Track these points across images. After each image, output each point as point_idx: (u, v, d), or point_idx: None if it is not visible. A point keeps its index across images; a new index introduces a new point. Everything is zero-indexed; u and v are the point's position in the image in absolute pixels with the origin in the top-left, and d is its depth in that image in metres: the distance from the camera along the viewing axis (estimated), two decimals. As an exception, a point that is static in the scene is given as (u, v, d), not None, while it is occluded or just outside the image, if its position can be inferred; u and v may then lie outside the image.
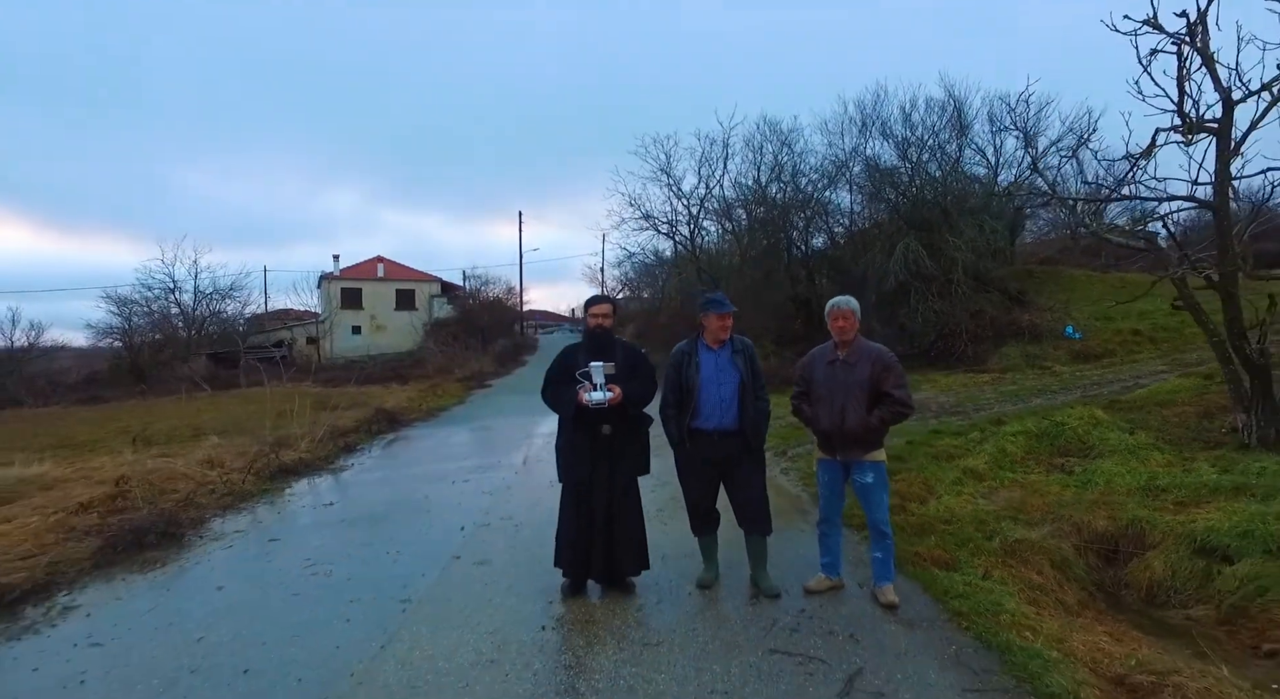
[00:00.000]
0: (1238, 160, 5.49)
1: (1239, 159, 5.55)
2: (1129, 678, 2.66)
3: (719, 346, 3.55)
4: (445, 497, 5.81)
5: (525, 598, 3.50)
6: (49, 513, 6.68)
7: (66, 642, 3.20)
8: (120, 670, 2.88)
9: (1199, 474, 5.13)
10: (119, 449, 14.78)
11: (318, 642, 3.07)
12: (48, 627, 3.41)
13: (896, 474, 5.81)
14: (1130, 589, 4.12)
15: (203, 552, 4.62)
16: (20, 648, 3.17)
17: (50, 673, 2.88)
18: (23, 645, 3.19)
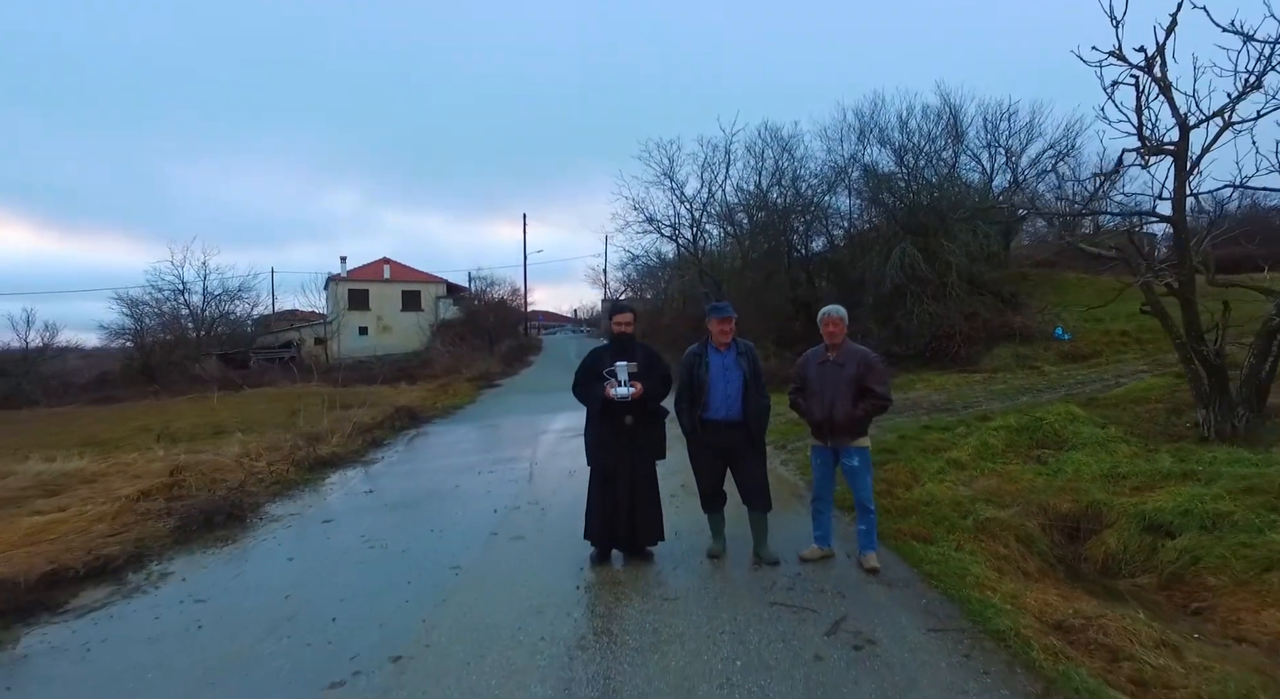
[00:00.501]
0: (1201, 178, 6.06)
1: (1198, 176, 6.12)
2: (1064, 622, 3.23)
3: (725, 349, 4.11)
4: (474, 485, 6.38)
5: (559, 565, 4.07)
6: (110, 500, 7.29)
7: (174, 599, 3.78)
8: (227, 619, 3.46)
9: (1158, 463, 5.69)
10: (145, 446, 15.40)
11: (388, 598, 3.64)
12: (152, 588, 3.99)
13: (887, 464, 6.38)
14: (1088, 562, 4.67)
15: (266, 530, 5.19)
16: (136, 603, 3.74)
17: (170, 621, 3.46)
18: (138, 602, 3.77)
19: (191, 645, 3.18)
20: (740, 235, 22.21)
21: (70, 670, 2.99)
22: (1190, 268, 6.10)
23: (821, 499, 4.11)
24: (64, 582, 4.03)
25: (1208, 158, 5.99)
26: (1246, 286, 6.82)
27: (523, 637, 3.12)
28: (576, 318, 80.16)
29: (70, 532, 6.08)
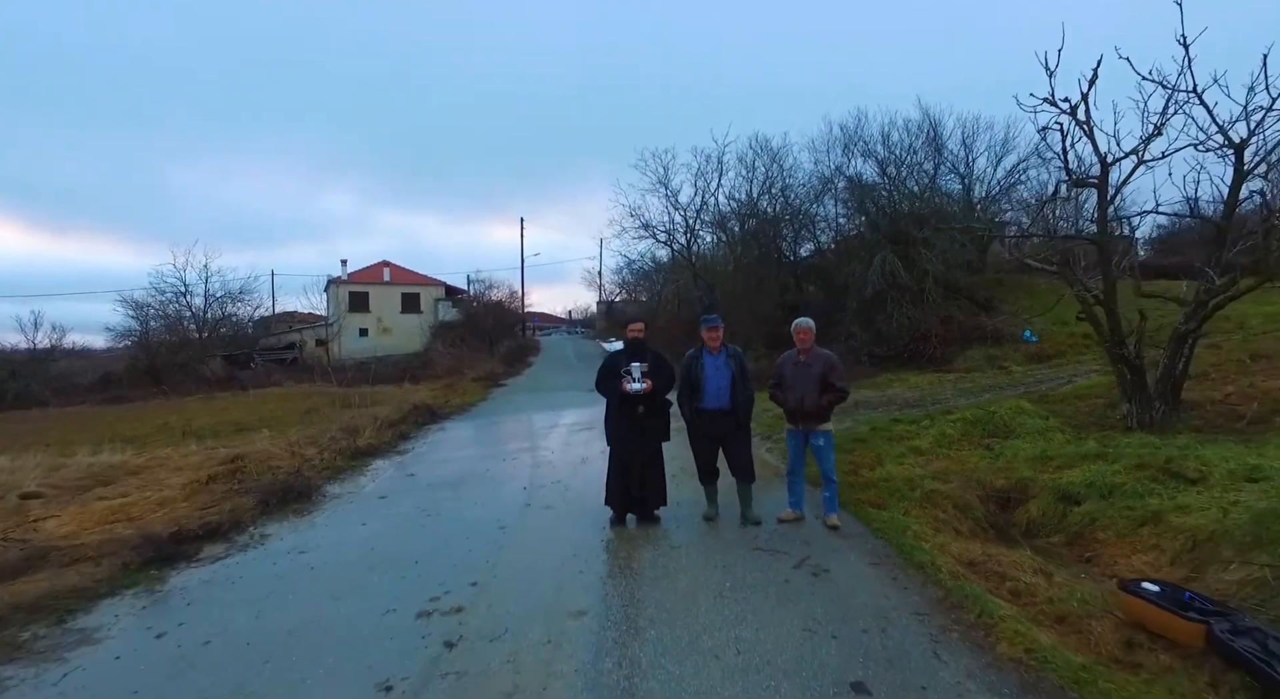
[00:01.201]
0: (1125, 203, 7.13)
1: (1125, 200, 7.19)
2: (974, 560, 4.26)
3: (717, 352, 5.12)
4: (501, 469, 7.38)
5: (585, 526, 5.07)
6: (169, 486, 8.25)
7: (281, 551, 4.76)
8: (332, 563, 4.45)
9: (1082, 448, 6.73)
10: (171, 442, 16.35)
11: (454, 548, 4.63)
12: (259, 545, 4.97)
13: (856, 450, 7.42)
14: (1014, 526, 5.70)
15: (332, 505, 6.18)
16: (253, 554, 4.73)
17: (287, 565, 4.45)
18: (254, 553, 4.76)
19: (312, 579, 4.17)
20: (732, 242, 23.27)
21: (227, 594, 3.98)
22: (1112, 281, 7.17)
23: (795, 472, 5.13)
24: (187, 540, 5.00)
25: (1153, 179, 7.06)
26: (1165, 297, 7.91)
27: (565, 570, 4.13)
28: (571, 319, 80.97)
29: (145, 511, 7.05)
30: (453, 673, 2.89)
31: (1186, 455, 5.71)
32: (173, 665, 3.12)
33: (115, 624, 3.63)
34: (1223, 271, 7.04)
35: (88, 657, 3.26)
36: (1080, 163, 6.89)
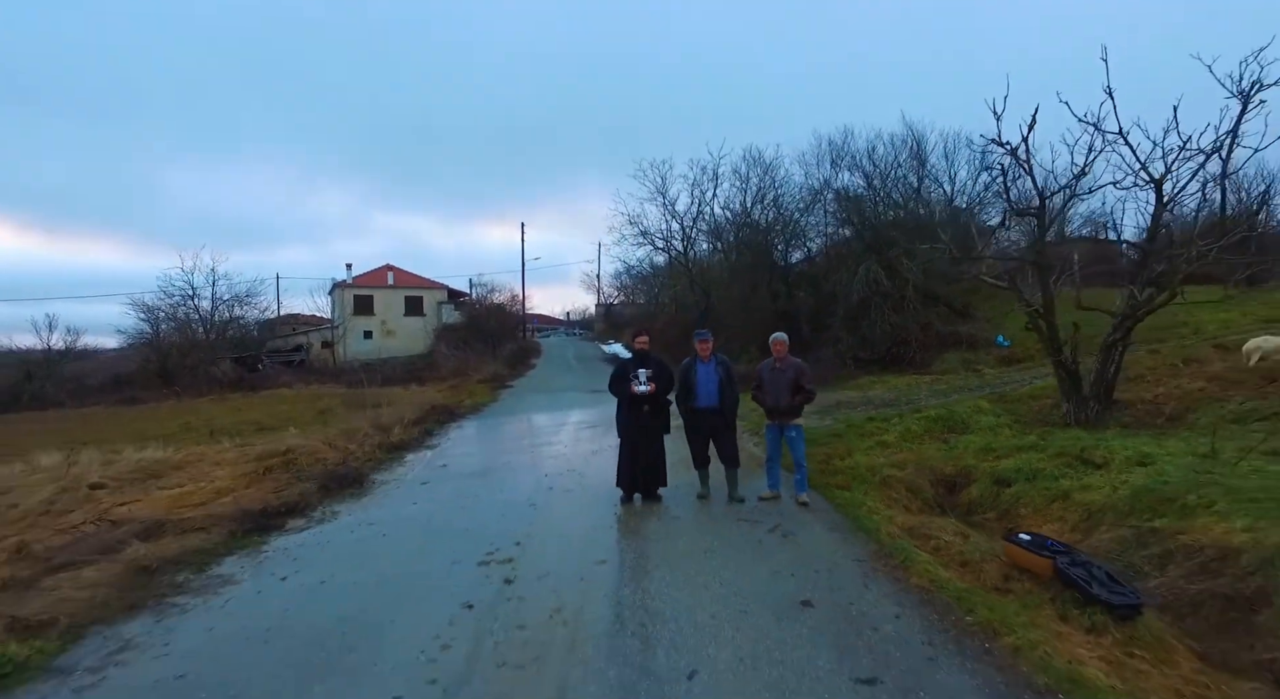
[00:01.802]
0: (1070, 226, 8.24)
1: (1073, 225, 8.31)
2: (912, 528, 5.37)
3: (707, 360, 6.22)
4: (522, 461, 8.47)
5: (600, 505, 6.16)
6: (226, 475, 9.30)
7: (353, 524, 5.86)
8: (399, 531, 5.54)
9: (1022, 441, 7.84)
10: (198, 441, 17.38)
11: (495, 521, 5.72)
12: (333, 519, 6.06)
13: (831, 444, 8.53)
14: (958, 506, 6.82)
15: (381, 489, 7.27)
16: (330, 526, 5.82)
17: (362, 533, 5.54)
18: (330, 525, 5.85)
19: (386, 543, 5.27)
20: (727, 250, 24.43)
21: (322, 553, 5.07)
22: (1049, 297, 8.30)
23: (772, 459, 6.24)
24: (274, 515, 6.08)
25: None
26: (1099, 310, 9.04)
27: (588, 534, 5.23)
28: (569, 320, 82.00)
29: (206, 498, 8.11)
30: (515, 597, 3.99)
31: (1098, 446, 6.84)
32: (302, 596, 4.21)
33: (244, 572, 4.72)
34: (1143, 288, 8.18)
35: (234, 592, 4.35)
36: (1021, 195, 8.00)
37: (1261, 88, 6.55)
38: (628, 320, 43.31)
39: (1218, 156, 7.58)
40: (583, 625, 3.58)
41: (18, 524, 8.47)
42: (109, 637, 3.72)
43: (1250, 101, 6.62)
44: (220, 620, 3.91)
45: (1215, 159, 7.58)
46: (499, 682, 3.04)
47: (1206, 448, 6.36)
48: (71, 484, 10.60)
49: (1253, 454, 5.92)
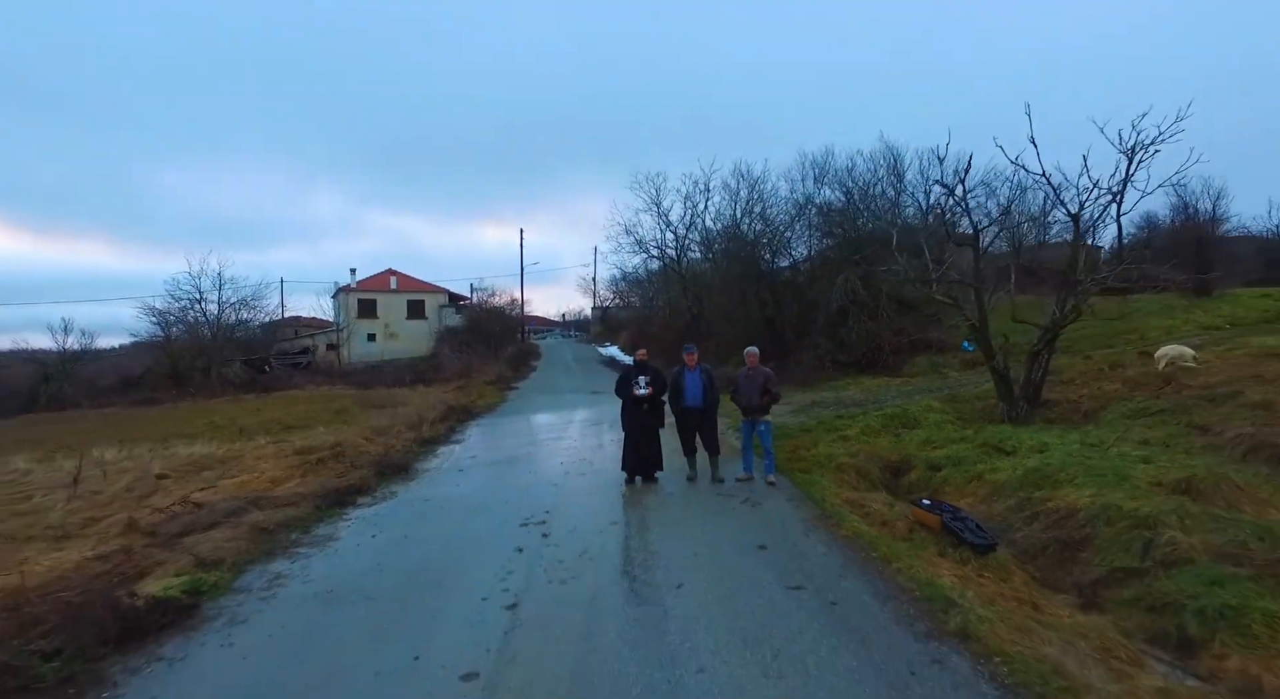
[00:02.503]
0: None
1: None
2: (851, 500, 6.89)
3: (694, 369, 7.73)
4: (540, 453, 9.97)
5: (609, 485, 7.66)
6: (274, 467, 10.71)
7: (412, 499, 7.35)
8: (451, 505, 7.03)
9: (959, 435, 9.39)
10: (228, 439, 18.76)
11: (526, 497, 7.21)
12: (394, 497, 7.54)
13: (800, 437, 10.05)
14: (900, 488, 8.35)
15: (426, 475, 8.75)
16: (394, 502, 7.31)
17: (421, 507, 7.02)
18: (394, 502, 7.34)
19: (442, 513, 6.76)
20: (717, 259, 25.97)
21: (395, 520, 6.56)
22: (984, 314, 9.85)
23: (746, 448, 7.75)
24: (345, 493, 7.56)
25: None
26: (1029, 323, 10.60)
27: (601, 505, 6.74)
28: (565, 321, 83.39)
29: (264, 486, 9.54)
30: (552, 544, 5.50)
31: (1012, 438, 8.40)
32: (392, 547, 5.70)
33: (340, 532, 6.21)
34: (1063, 306, 9.74)
35: (339, 544, 5.84)
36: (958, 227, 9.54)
37: (1143, 148, 8.12)
38: (623, 323, 44.81)
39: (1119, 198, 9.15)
40: (603, 560, 5.09)
41: (111, 506, 9.96)
42: (263, 572, 5.20)
43: (1134, 158, 8.18)
44: (338, 561, 5.39)
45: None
46: (550, 590, 4.54)
47: (1095, 439, 7.92)
48: (141, 475, 12.05)
49: (1124, 443, 7.48)
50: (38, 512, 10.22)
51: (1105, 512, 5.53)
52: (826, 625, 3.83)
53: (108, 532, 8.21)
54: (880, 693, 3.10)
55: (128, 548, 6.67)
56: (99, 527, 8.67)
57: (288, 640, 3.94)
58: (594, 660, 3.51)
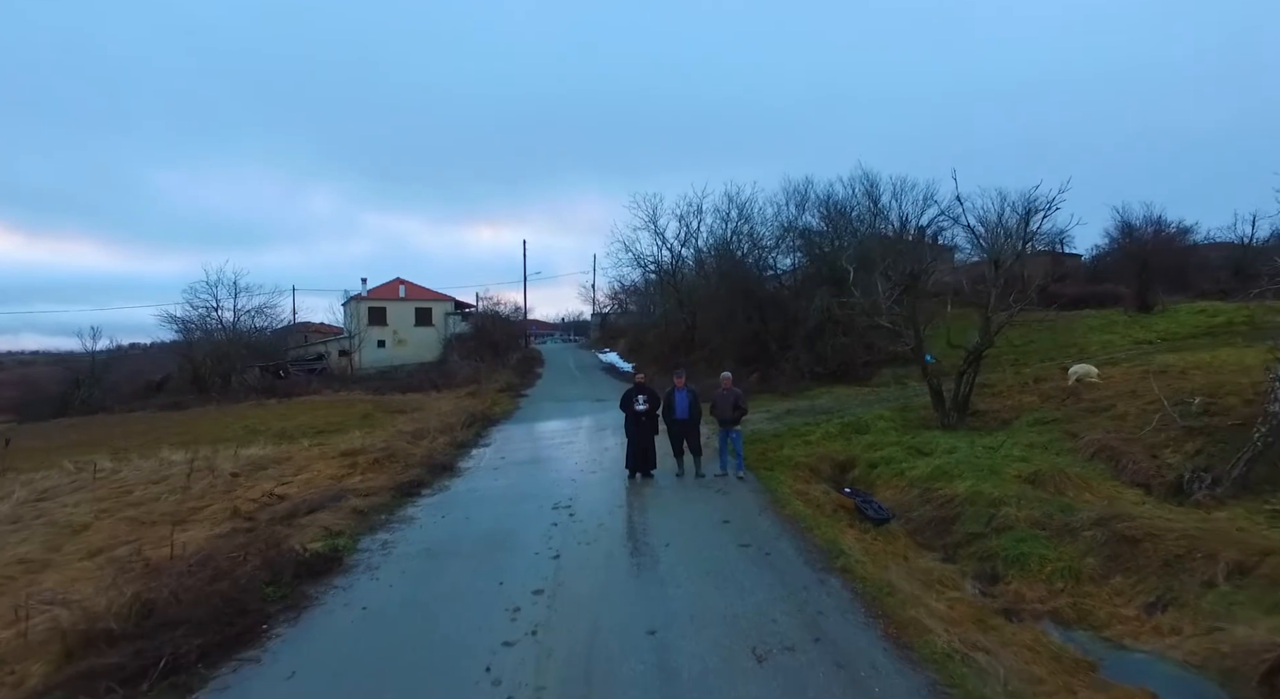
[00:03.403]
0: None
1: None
2: (799, 490, 9.10)
3: (681, 388, 9.93)
4: (557, 455, 12.15)
5: (615, 480, 9.85)
6: (327, 466, 12.85)
7: (464, 491, 9.54)
8: (494, 495, 9.22)
9: (898, 439, 11.59)
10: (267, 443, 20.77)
11: (553, 490, 9.39)
12: (448, 490, 9.73)
13: (770, 441, 12.25)
14: (845, 482, 10.55)
15: (468, 473, 10.93)
16: (450, 493, 9.50)
17: (474, 496, 9.22)
18: (449, 493, 9.53)
19: (490, 500, 8.95)
20: (709, 276, 28.20)
21: (457, 505, 8.75)
22: (920, 341, 12.06)
23: (722, 452, 9.96)
24: (410, 486, 9.74)
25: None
26: (961, 346, 12.82)
27: (610, 494, 8.93)
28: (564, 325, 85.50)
29: (325, 482, 11.69)
30: (577, 520, 7.68)
31: (932, 442, 10.62)
32: (459, 524, 7.88)
33: (417, 515, 8.38)
34: (984, 333, 11.96)
35: (419, 523, 8.01)
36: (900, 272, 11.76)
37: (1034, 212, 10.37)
38: (622, 330, 47.02)
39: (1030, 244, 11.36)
40: (614, 530, 7.28)
41: (204, 498, 12.08)
42: (374, 539, 7.38)
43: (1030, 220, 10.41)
44: (425, 533, 7.57)
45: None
46: (579, 548, 6.72)
47: (995, 443, 10.14)
48: (216, 472, 14.19)
49: (1013, 446, 9.71)
50: (143, 503, 12.35)
51: (973, 496, 7.75)
52: (760, 565, 6.03)
53: (216, 517, 10.39)
54: (784, 595, 5.29)
55: (253, 526, 8.84)
56: (204, 514, 10.84)
57: (413, 576, 6.13)
58: (611, 584, 5.70)
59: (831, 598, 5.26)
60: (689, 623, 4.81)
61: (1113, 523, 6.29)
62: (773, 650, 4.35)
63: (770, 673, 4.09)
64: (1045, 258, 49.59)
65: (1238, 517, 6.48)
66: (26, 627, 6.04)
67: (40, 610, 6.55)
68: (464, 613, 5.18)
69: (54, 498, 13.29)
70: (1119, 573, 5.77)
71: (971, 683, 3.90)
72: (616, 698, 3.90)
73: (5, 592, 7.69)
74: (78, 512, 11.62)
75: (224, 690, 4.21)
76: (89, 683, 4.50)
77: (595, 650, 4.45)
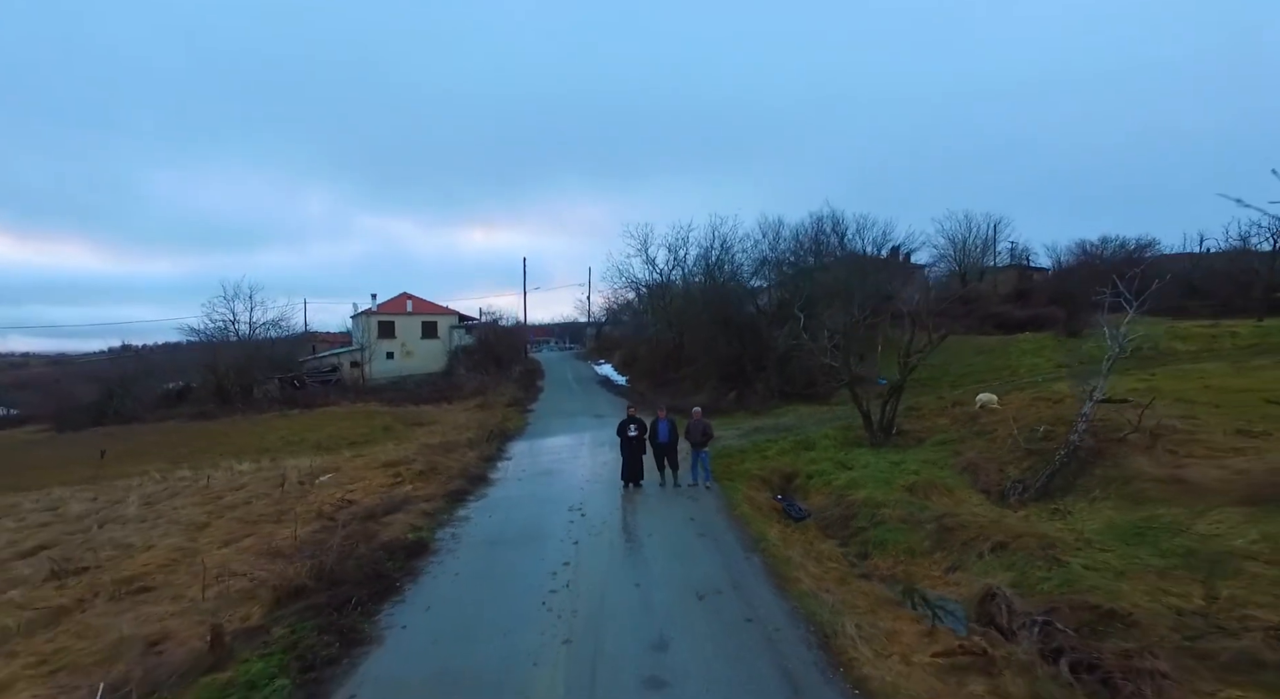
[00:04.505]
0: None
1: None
2: (749, 497, 12.29)
3: (664, 419, 13.11)
4: (566, 468, 15.30)
5: (612, 489, 13.00)
6: (376, 476, 15.98)
7: (502, 496, 12.71)
8: (524, 500, 12.39)
9: (832, 455, 14.78)
10: (303, 453, 23.84)
11: (567, 495, 12.54)
12: (486, 496, 12.89)
13: (734, 457, 15.45)
14: (788, 490, 13.75)
15: (499, 482, 14.08)
16: (489, 500, 12.67)
17: (509, 500, 12.40)
18: (488, 499, 12.70)
19: (522, 504, 12.12)
20: (694, 299, 31.44)
21: (496, 509, 11.91)
22: (851, 374, 15.29)
23: (694, 468, 13.16)
24: (459, 493, 12.88)
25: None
26: (886, 379, 16.05)
27: (610, 500, 12.11)
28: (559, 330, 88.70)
29: (379, 490, 14.83)
30: (587, 519, 10.85)
31: (856, 458, 13.83)
32: (503, 522, 11.03)
33: (471, 515, 11.53)
34: (900, 372, 15.18)
35: (475, 520, 11.17)
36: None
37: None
38: (616, 343, 50.24)
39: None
40: (614, 525, 10.46)
41: (285, 502, 15.09)
42: (444, 533, 10.51)
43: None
44: (481, 528, 10.72)
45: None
46: (591, 538, 9.88)
47: (901, 459, 13.38)
48: (287, 482, 17.22)
49: (912, 462, 12.94)
50: (236, 506, 15.37)
51: (868, 501, 10.95)
52: (710, 548, 9.22)
53: (304, 517, 13.43)
54: (721, 565, 8.47)
55: (335, 525, 11.94)
56: (293, 515, 13.88)
57: (481, 556, 9.28)
58: (613, 560, 8.88)
59: (750, 567, 8.46)
60: (660, 580, 8.00)
61: (944, 518, 9.51)
62: (708, 594, 7.54)
63: (705, 605, 7.27)
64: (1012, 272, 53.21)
65: (1030, 515, 9.71)
66: (227, 587, 9.18)
67: (225, 580, 9.66)
68: (523, 575, 8.35)
69: (158, 502, 16.35)
70: (939, 550, 8.96)
71: (813, 606, 7.10)
72: (619, 617, 7.05)
73: (181, 568, 10.80)
74: (191, 513, 14.68)
75: (393, 614, 7.35)
76: (306, 613, 7.63)
77: (605, 594, 7.63)
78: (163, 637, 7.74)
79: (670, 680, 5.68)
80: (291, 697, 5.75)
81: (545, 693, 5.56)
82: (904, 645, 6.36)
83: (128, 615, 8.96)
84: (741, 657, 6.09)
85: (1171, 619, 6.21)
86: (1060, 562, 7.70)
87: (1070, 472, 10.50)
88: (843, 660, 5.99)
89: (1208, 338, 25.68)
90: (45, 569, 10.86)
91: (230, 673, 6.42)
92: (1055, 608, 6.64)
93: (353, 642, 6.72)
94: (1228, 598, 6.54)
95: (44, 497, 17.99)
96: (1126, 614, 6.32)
